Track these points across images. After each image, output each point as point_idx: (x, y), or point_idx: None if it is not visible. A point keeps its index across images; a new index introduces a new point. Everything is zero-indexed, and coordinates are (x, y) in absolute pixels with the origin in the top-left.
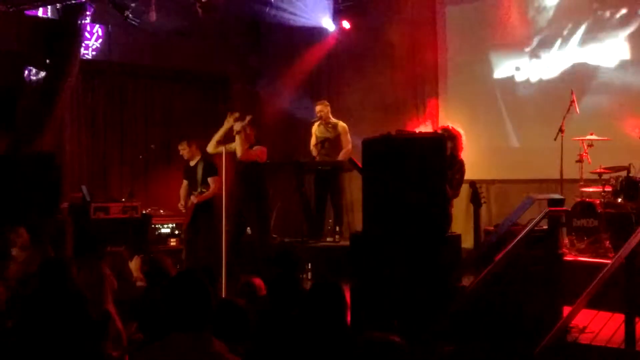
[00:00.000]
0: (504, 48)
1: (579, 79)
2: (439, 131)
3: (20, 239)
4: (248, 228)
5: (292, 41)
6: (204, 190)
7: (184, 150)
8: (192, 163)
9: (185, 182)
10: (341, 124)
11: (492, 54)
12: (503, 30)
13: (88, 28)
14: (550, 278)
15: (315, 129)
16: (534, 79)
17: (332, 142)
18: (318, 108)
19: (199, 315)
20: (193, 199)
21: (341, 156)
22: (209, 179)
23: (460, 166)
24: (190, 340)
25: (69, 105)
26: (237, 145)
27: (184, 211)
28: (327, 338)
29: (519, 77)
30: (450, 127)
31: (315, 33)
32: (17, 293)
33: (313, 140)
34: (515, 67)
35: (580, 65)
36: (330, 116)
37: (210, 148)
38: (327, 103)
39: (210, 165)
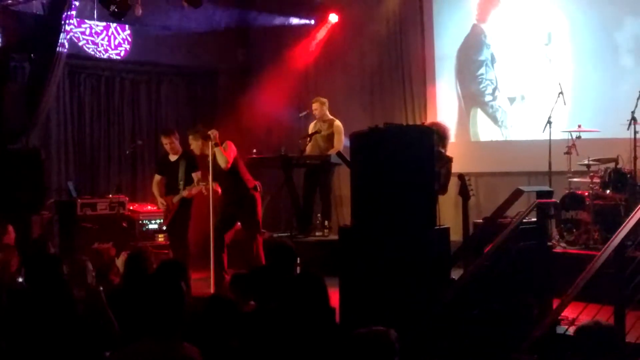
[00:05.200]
0: (491, 40)
1: (567, 70)
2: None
3: (6, 234)
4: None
5: (280, 36)
6: (187, 186)
7: (171, 143)
8: (172, 158)
9: (158, 177)
10: (337, 123)
11: (479, 45)
12: (490, 21)
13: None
14: (539, 270)
15: (311, 127)
16: (521, 71)
17: (324, 137)
18: (314, 106)
19: (169, 322)
20: (184, 194)
21: (330, 152)
22: (193, 175)
23: (446, 161)
24: (160, 346)
25: (54, 101)
26: (219, 158)
27: (164, 209)
28: (311, 330)
29: (507, 70)
30: (438, 123)
31: (303, 27)
32: None
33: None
34: (502, 59)
35: (569, 56)
36: (327, 113)
37: (225, 165)
38: (324, 100)
39: (193, 160)
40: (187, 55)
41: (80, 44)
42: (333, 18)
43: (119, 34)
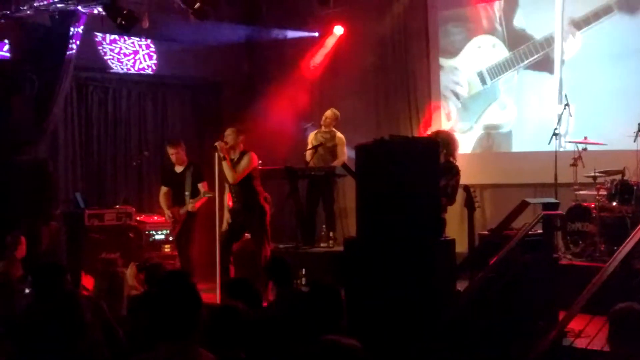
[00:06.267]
0: (496, 52)
1: (573, 82)
2: (432, 135)
3: (20, 244)
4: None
5: (285, 48)
6: (198, 196)
7: (177, 154)
8: (178, 169)
9: (165, 188)
10: (339, 135)
11: (483, 57)
12: (494, 34)
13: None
14: (545, 282)
15: (311, 137)
16: (527, 83)
17: (327, 149)
18: (328, 113)
19: (187, 325)
20: (189, 207)
21: (334, 164)
22: (199, 185)
23: (455, 172)
24: (178, 350)
25: (62, 112)
26: (226, 172)
27: (172, 220)
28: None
29: (512, 82)
30: (443, 132)
31: (308, 40)
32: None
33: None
34: (508, 72)
35: (575, 68)
36: (332, 125)
37: (233, 179)
38: (337, 113)
39: (199, 170)
40: (192, 67)
41: (105, 57)
42: (338, 30)
43: (145, 60)
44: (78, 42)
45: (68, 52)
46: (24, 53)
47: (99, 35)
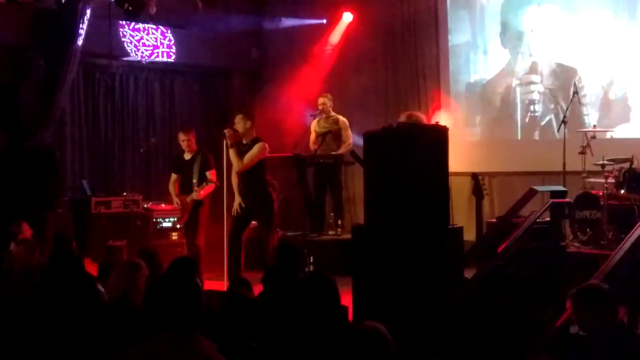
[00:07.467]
0: (505, 39)
1: (582, 69)
2: (404, 119)
3: (21, 233)
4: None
5: (294, 36)
6: (202, 184)
7: (189, 141)
8: (187, 157)
9: (175, 176)
10: (342, 119)
11: (493, 43)
12: (504, 20)
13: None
14: (553, 270)
15: (314, 124)
16: (536, 69)
17: (333, 136)
18: (321, 100)
19: (188, 316)
20: (194, 196)
21: (341, 150)
22: (207, 173)
23: None
24: (179, 340)
25: (69, 99)
26: (233, 160)
27: (180, 208)
28: (320, 330)
29: (521, 68)
30: (414, 114)
31: (317, 27)
32: (15, 288)
33: (312, 137)
34: (517, 58)
35: (584, 55)
36: (331, 110)
37: (239, 168)
38: (330, 97)
39: (208, 158)
40: (201, 55)
41: (123, 39)
42: (347, 17)
43: (162, 56)
44: (86, 28)
45: (75, 38)
46: (31, 39)
47: (122, 22)
